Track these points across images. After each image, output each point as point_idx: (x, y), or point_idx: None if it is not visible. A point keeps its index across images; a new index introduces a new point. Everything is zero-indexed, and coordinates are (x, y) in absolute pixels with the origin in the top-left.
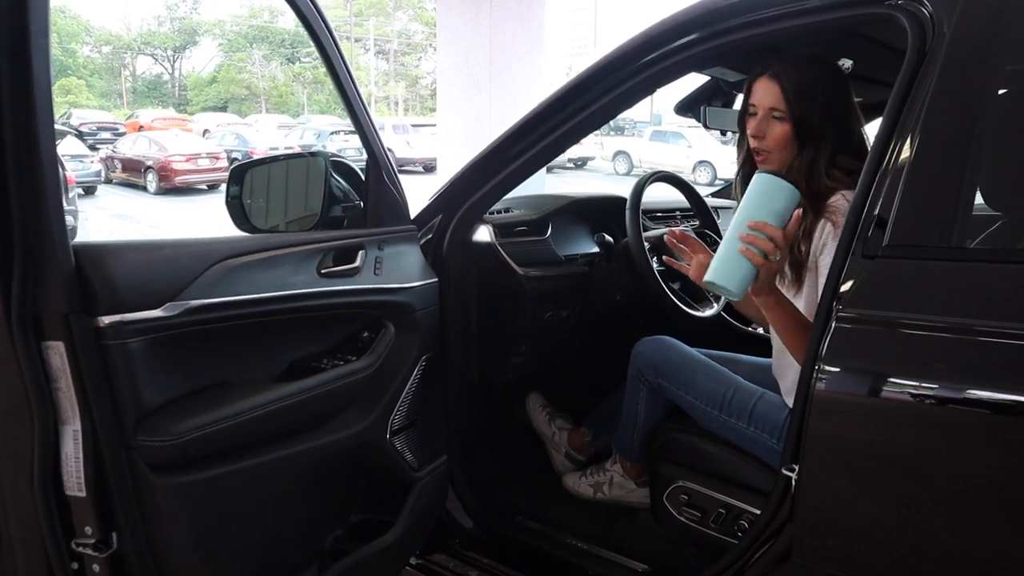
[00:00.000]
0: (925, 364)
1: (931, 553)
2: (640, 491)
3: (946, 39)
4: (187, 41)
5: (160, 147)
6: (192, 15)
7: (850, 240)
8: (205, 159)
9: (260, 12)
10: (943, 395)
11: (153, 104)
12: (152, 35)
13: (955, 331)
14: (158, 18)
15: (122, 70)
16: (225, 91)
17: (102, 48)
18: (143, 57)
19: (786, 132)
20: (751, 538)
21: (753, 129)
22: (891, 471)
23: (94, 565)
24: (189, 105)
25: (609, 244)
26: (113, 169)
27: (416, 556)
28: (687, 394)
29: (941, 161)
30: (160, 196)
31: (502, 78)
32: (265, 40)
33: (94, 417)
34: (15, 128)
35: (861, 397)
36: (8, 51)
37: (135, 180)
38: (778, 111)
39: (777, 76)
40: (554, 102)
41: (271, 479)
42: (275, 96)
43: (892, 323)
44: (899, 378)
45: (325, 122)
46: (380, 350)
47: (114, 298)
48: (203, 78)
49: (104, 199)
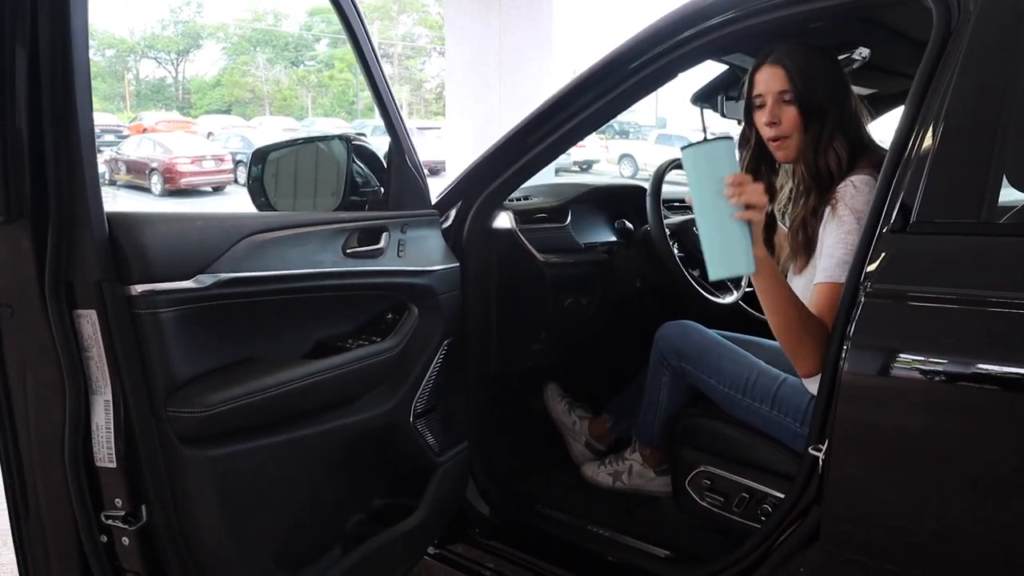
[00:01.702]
0: (959, 338)
1: (967, 541)
2: (659, 480)
3: (972, 18)
4: (191, 44)
5: (165, 149)
6: (196, 18)
7: (877, 216)
8: (210, 161)
9: (264, 15)
10: (979, 371)
11: (157, 107)
12: (156, 38)
13: (988, 304)
14: (161, 21)
15: (126, 73)
16: (229, 94)
17: (105, 52)
18: (147, 60)
19: (798, 113)
20: (776, 520)
21: (768, 117)
22: (923, 450)
23: (123, 538)
24: (193, 108)
25: (629, 231)
26: (117, 171)
27: (435, 546)
28: (710, 378)
29: (968, 137)
30: (165, 198)
31: (511, 78)
32: (269, 43)
33: (125, 387)
34: (53, 94)
35: (891, 374)
36: (48, 16)
37: (140, 182)
38: (788, 93)
39: (779, 61)
40: (575, 88)
41: (298, 457)
42: (279, 99)
43: (923, 297)
44: (929, 354)
45: (330, 125)
46: (404, 332)
47: (146, 267)
48: (207, 81)
49: (109, 201)
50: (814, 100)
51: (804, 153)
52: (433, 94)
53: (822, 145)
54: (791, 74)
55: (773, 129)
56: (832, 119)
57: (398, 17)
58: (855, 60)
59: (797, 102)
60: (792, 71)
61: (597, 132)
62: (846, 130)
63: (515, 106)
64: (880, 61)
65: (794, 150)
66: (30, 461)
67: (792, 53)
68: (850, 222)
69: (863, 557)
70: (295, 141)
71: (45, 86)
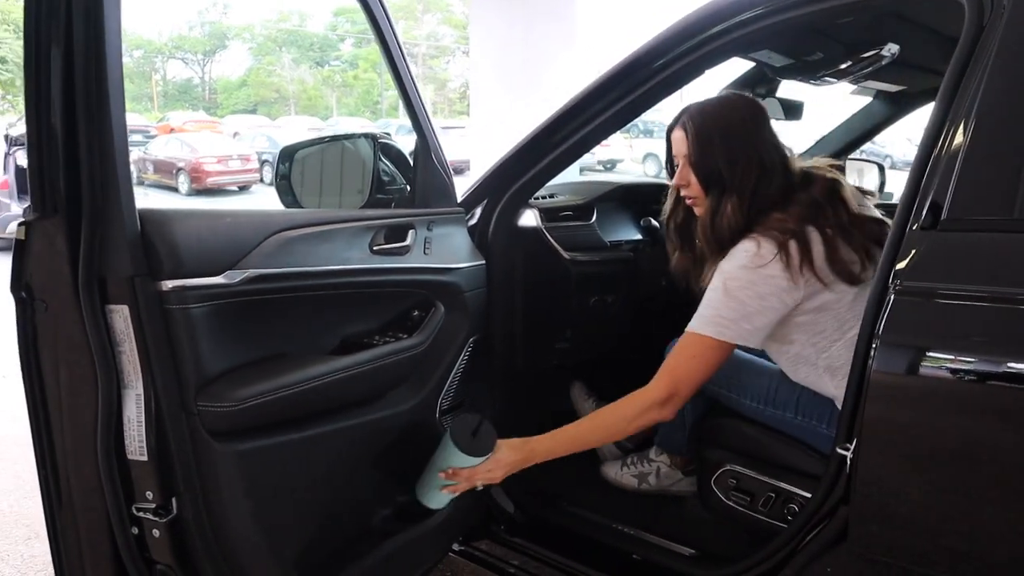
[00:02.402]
0: (990, 337)
1: (996, 543)
2: (686, 480)
3: (1006, 13)
4: (217, 45)
5: (191, 149)
6: (222, 19)
7: (906, 215)
8: (236, 161)
9: (289, 16)
10: (1011, 370)
11: (184, 107)
12: (183, 39)
13: (1021, 302)
14: (188, 22)
15: (153, 74)
16: (255, 94)
17: (133, 52)
18: (174, 61)
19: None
20: (803, 520)
21: (677, 179)
22: (953, 450)
23: (154, 530)
24: (219, 108)
25: (654, 230)
26: (145, 171)
27: (460, 543)
28: (733, 393)
29: (1001, 133)
30: (192, 197)
31: (536, 77)
32: (294, 43)
33: (156, 381)
34: (87, 93)
35: (920, 372)
36: (83, 15)
37: (167, 181)
38: (691, 158)
39: (683, 124)
40: (600, 86)
41: (325, 452)
42: (304, 99)
43: (954, 295)
44: (961, 352)
45: (354, 124)
46: (430, 329)
47: (177, 263)
48: (233, 81)
49: (137, 201)
50: (710, 166)
51: (702, 217)
52: (457, 93)
53: (720, 216)
54: (690, 140)
55: (684, 190)
56: (732, 184)
57: (422, 16)
58: (884, 57)
59: (694, 167)
60: (691, 136)
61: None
62: (753, 192)
63: (539, 105)
64: (910, 57)
65: (705, 210)
66: (63, 453)
67: (695, 116)
68: (715, 281)
69: (891, 558)
70: (322, 139)
71: (79, 85)
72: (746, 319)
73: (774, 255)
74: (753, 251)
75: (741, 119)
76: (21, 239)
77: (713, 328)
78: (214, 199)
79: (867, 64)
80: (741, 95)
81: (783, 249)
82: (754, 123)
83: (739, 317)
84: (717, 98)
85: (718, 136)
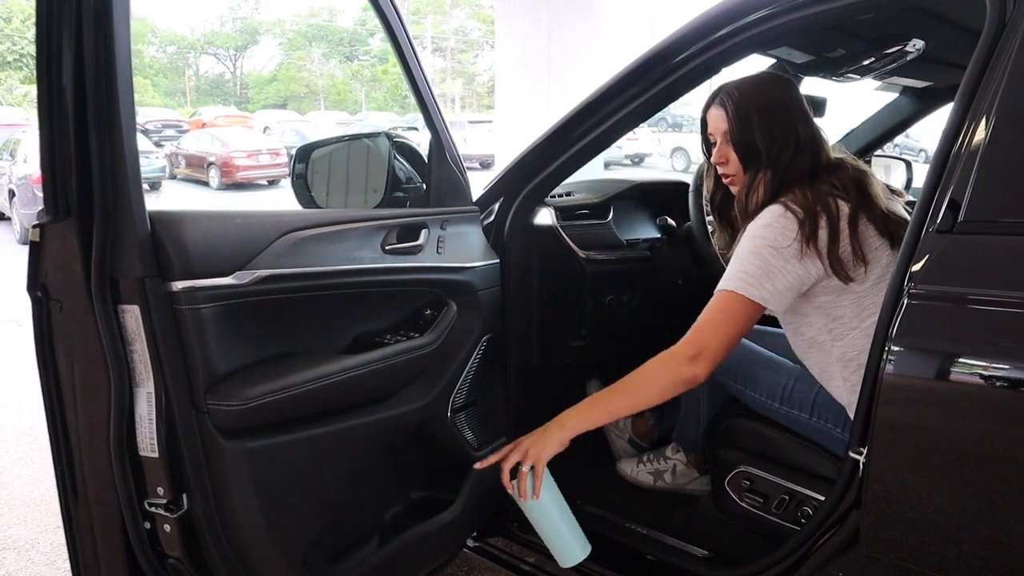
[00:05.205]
0: (1007, 342)
1: (1008, 548)
2: (702, 479)
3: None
4: (248, 40)
5: (222, 143)
6: (253, 15)
7: (923, 217)
8: (266, 155)
9: (319, 11)
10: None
11: (215, 102)
12: (215, 35)
13: None
14: (220, 18)
15: (186, 69)
16: (285, 89)
17: (167, 48)
18: (206, 56)
19: (737, 154)
20: (815, 524)
21: (716, 157)
22: (967, 455)
23: (165, 525)
24: (250, 103)
25: (671, 228)
26: (177, 165)
27: (474, 539)
28: (747, 388)
29: (1022, 133)
30: (222, 191)
31: (561, 72)
32: (324, 38)
33: (167, 380)
34: (97, 96)
35: (935, 377)
36: (93, 20)
37: (198, 176)
38: (729, 134)
39: (722, 102)
40: (617, 83)
41: (336, 450)
42: (333, 93)
43: (972, 299)
44: (976, 357)
45: (383, 119)
46: (442, 328)
47: (187, 264)
48: (264, 76)
49: (169, 194)
50: (749, 142)
51: (739, 193)
52: (485, 88)
53: (754, 190)
54: (730, 116)
55: (722, 168)
56: (768, 159)
57: (451, 11)
58: (908, 53)
59: (734, 144)
60: (731, 113)
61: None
62: (787, 168)
63: (564, 100)
64: (936, 53)
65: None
66: (78, 449)
67: (735, 93)
68: (743, 242)
69: (903, 562)
70: (339, 138)
71: (90, 88)
72: (768, 277)
73: (800, 218)
74: (780, 212)
75: (778, 95)
76: (36, 241)
77: (738, 283)
78: (243, 193)
79: (891, 60)
80: (774, 73)
81: (808, 213)
82: (790, 99)
83: (761, 274)
84: (753, 76)
85: (756, 113)
